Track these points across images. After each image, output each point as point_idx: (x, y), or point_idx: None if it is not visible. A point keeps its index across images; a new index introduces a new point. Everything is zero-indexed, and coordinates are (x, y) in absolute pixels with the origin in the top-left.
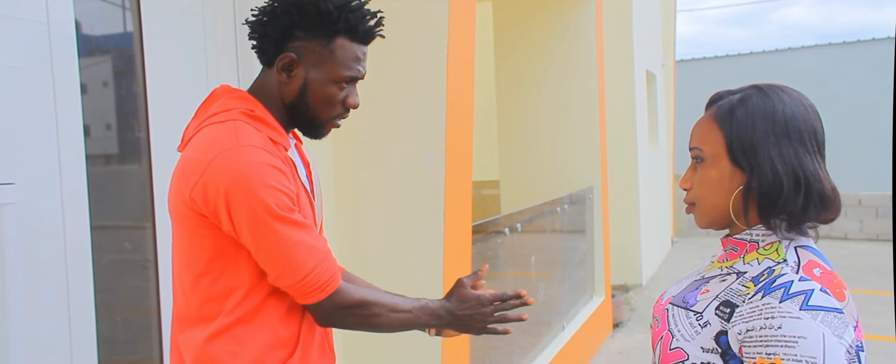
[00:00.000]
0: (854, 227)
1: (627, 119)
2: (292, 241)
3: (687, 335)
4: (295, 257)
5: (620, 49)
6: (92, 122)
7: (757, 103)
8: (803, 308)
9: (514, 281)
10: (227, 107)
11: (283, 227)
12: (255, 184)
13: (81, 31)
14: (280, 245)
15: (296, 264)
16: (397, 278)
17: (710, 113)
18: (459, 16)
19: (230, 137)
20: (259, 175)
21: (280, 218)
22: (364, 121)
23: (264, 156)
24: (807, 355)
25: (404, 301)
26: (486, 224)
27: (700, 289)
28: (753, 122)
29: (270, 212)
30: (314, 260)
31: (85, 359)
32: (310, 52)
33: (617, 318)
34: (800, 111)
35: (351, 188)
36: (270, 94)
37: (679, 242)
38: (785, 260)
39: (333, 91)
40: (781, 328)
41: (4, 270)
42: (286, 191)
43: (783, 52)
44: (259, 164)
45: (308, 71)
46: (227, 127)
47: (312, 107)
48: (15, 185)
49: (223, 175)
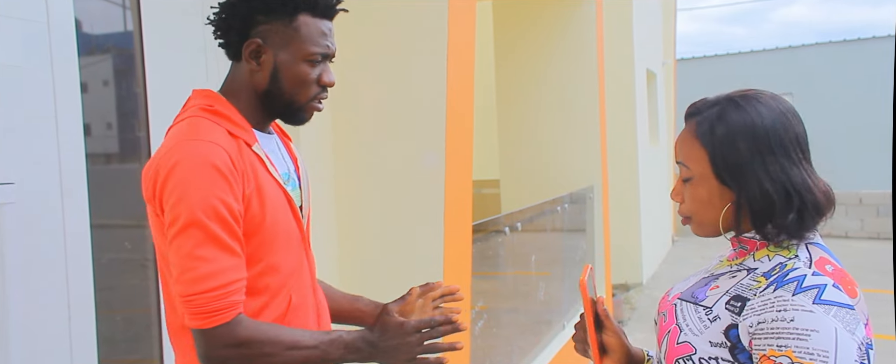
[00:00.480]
0: (855, 226)
1: (628, 118)
2: (199, 253)
3: (695, 329)
4: (193, 270)
5: (621, 48)
6: (92, 121)
7: (735, 119)
8: (816, 302)
9: (514, 280)
10: (191, 105)
11: (198, 234)
12: (192, 180)
13: (81, 30)
14: (186, 251)
15: (190, 277)
16: (397, 278)
17: (690, 129)
18: (459, 15)
19: (184, 133)
20: (199, 174)
21: (199, 224)
22: (364, 120)
23: (214, 154)
24: (819, 349)
25: (309, 336)
26: (487, 223)
27: (709, 285)
28: (734, 140)
29: (192, 214)
30: (212, 283)
31: (85, 357)
32: (274, 34)
33: (617, 317)
34: (779, 120)
35: (351, 187)
36: (241, 88)
37: (679, 241)
38: (797, 256)
39: (305, 70)
40: (794, 321)
41: (4, 269)
42: (224, 200)
43: (784, 50)
44: (204, 164)
45: (276, 54)
46: (182, 125)
47: (287, 90)
48: (15, 185)
49: (168, 164)
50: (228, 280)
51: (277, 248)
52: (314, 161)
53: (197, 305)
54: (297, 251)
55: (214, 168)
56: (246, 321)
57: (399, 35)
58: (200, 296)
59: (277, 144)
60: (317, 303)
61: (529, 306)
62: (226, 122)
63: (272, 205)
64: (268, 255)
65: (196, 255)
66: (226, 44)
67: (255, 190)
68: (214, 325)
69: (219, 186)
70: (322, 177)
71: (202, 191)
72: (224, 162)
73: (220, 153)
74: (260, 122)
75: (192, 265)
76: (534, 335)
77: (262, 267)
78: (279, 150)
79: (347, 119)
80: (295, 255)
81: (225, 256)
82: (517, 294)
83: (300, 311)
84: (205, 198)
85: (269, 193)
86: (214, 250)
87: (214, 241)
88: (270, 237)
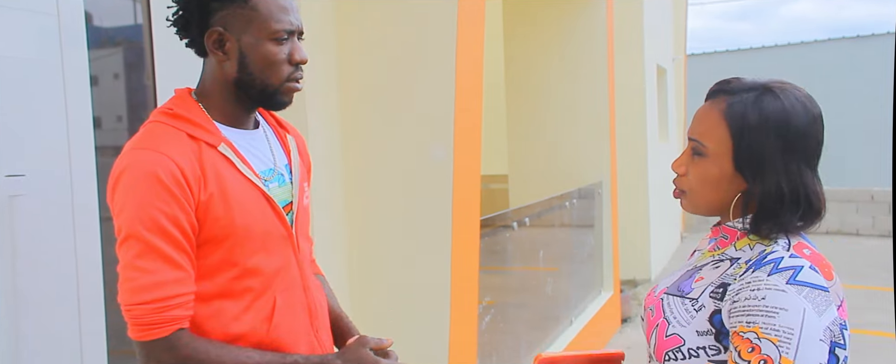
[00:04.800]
0: (866, 223)
1: (638, 113)
2: (138, 264)
3: (683, 321)
4: (132, 280)
5: (631, 43)
6: (102, 114)
7: (772, 112)
8: (790, 282)
9: (521, 275)
10: (160, 107)
11: (137, 245)
12: (132, 191)
13: (92, 23)
14: (126, 261)
15: (128, 288)
16: (405, 272)
17: (719, 107)
18: (469, 10)
19: (136, 140)
20: (142, 185)
21: (138, 236)
22: (373, 115)
23: (159, 165)
24: (784, 326)
25: (259, 358)
26: (495, 218)
27: (694, 277)
28: (766, 133)
29: (132, 226)
30: (150, 295)
31: (94, 349)
32: (233, 18)
33: (625, 313)
34: (810, 123)
35: (360, 182)
36: (212, 84)
37: (688, 237)
38: (776, 242)
39: (272, 50)
40: (765, 299)
41: (15, 261)
42: (167, 213)
43: (795, 46)
44: (147, 175)
45: (239, 38)
46: (141, 131)
47: (257, 74)
48: (25, 177)
49: (116, 172)
50: (169, 294)
51: (254, 250)
52: (323, 156)
53: (134, 317)
54: (280, 250)
55: (157, 180)
56: (187, 338)
57: (408, 30)
58: (138, 307)
59: (266, 139)
60: (309, 302)
61: (537, 301)
62: (185, 124)
63: (242, 206)
64: (244, 258)
65: (136, 265)
66: (191, 41)
67: (217, 193)
68: (150, 338)
69: (161, 199)
70: (331, 172)
71: (144, 203)
72: (170, 173)
73: (166, 164)
74: (238, 118)
75: (131, 275)
76: (541, 330)
77: (238, 271)
78: (267, 145)
79: (357, 114)
80: (278, 255)
81: (166, 269)
82: (525, 289)
83: (287, 312)
84: (146, 210)
85: (237, 195)
86: (155, 262)
87: (155, 254)
88: (243, 239)
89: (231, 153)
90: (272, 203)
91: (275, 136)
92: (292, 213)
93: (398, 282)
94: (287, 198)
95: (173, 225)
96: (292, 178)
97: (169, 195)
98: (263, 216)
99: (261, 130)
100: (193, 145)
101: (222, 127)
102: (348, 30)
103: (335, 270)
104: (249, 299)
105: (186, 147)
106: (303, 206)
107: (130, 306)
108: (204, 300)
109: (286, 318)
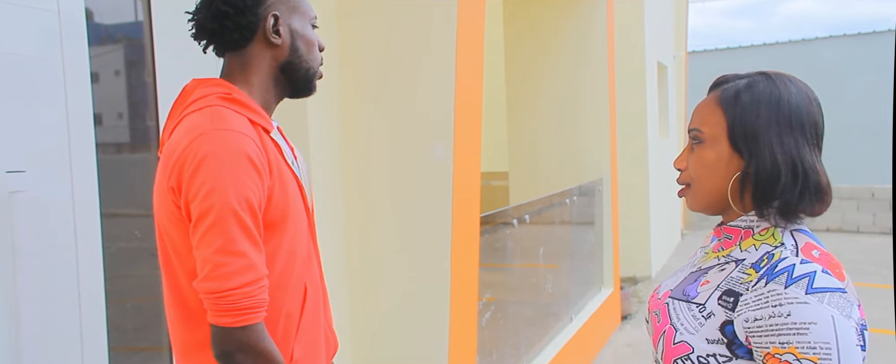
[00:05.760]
0: (867, 221)
1: (638, 110)
2: (235, 247)
3: (691, 328)
4: (228, 265)
5: (632, 40)
6: (103, 111)
7: (763, 90)
8: (809, 292)
9: (521, 272)
10: (202, 94)
11: (234, 227)
12: (227, 170)
13: (92, 19)
14: (219, 245)
15: (225, 272)
16: (405, 269)
17: (714, 95)
18: (469, 7)
19: (208, 122)
20: (233, 163)
21: (236, 215)
22: (373, 112)
23: (245, 143)
24: (820, 341)
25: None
26: (495, 215)
27: (699, 280)
28: (758, 108)
29: (227, 205)
30: (247, 278)
31: (94, 346)
32: (281, 4)
33: (625, 311)
34: (804, 103)
35: (359, 179)
36: (251, 73)
37: (689, 235)
38: (782, 244)
39: (312, 33)
40: (791, 315)
41: (15, 258)
42: (255, 190)
43: (797, 43)
44: (237, 152)
45: (290, 22)
46: (204, 113)
47: (305, 56)
48: (26, 173)
49: (197, 154)
50: (259, 276)
51: (297, 237)
52: (322, 153)
53: (229, 302)
54: (306, 239)
55: (248, 159)
56: (266, 332)
57: (408, 26)
58: (234, 292)
59: (278, 132)
60: (324, 291)
61: (537, 298)
62: (246, 110)
63: (290, 192)
64: (290, 245)
65: (231, 249)
66: (241, 31)
67: (277, 178)
68: (246, 323)
69: (252, 178)
70: (331, 169)
71: (237, 182)
72: (256, 153)
73: (251, 144)
74: (269, 109)
75: (226, 260)
76: (541, 327)
77: (287, 257)
78: (283, 138)
79: (356, 111)
80: (307, 244)
81: (255, 251)
82: (525, 286)
83: (314, 301)
84: (239, 190)
85: (287, 181)
86: (248, 245)
87: (248, 234)
88: (292, 225)
89: (282, 141)
90: (303, 192)
91: (277, 131)
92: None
93: (398, 278)
94: None
95: (259, 206)
96: (301, 170)
97: (257, 175)
98: (300, 204)
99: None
100: (255, 130)
101: None
102: (349, 28)
103: (334, 268)
104: (292, 286)
105: (254, 131)
106: (311, 197)
107: (225, 292)
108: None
109: (313, 306)
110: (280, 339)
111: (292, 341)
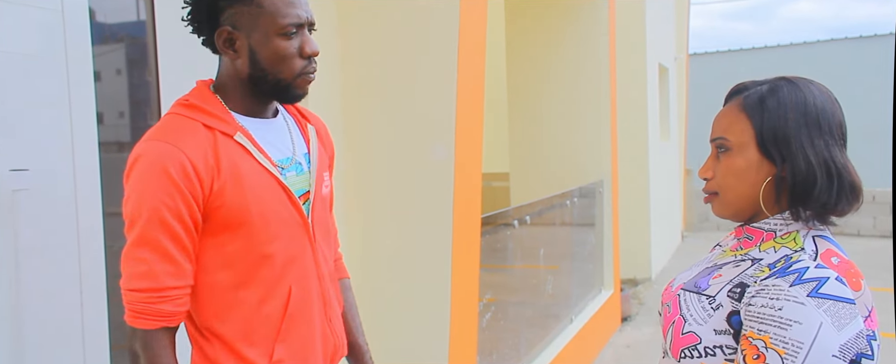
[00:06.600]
0: (867, 224)
1: (639, 112)
2: (136, 253)
3: (699, 318)
4: (129, 267)
5: (633, 42)
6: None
7: (788, 94)
8: (812, 295)
9: (522, 273)
10: (180, 98)
11: (137, 234)
12: (143, 182)
13: (95, 19)
14: (128, 246)
15: (126, 273)
16: (406, 269)
17: (736, 103)
18: (470, 8)
19: (152, 130)
20: (150, 176)
21: (139, 225)
22: (374, 113)
23: (170, 159)
24: (795, 339)
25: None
26: (496, 216)
27: (712, 274)
28: (786, 112)
29: (140, 215)
30: (143, 285)
31: (97, 344)
32: (241, 16)
33: (625, 312)
34: (828, 104)
35: (361, 179)
36: (228, 79)
37: (689, 237)
38: (803, 248)
39: (281, 45)
40: (782, 310)
41: (18, 255)
42: (171, 206)
43: (798, 45)
44: (156, 167)
45: (249, 36)
46: (160, 121)
47: (269, 69)
48: (29, 172)
49: (129, 163)
50: (160, 286)
51: (271, 238)
52: None
53: (128, 301)
54: (296, 239)
55: (165, 173)
56: (164, 343)
57: (410, 27)
58: (131, 293)
59: (286, 128)
60: (323, 292)
61: (537, 299)
62: (201, 114)
63: (257, 193)
64: (260, 246)
65: (134, 253)
66: (205, 40)
67: (231, 181)
68: (137, 326)
69: (167, 192)
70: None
71: (149, 194)
72: (180, 166)
73: (176, 157)
74: (255, 108)
75: (128, 262)
76: (541, 328)
77: (256, 259)
78: (287, 134)
79: (358, 111)
80: (295, 244)
81: (160, 262)
82: (525, 287)
83: (302, 302)
84: (150, 202)
85: (252, 182)
86: (152, 253)
87: (152, 245)
88: (260, 226)
89: (247, 142)
90: (287, 191)
91: (296, 125)
92: (309, 202)
93: (399, 279)
94: (304, 187)
95: (176, 219)
96: (310, 167)
97: (175, 189)
98: (279, 204)
99: (281, 119)
100: (208, 135)
101: (239, 117)
102: (350, 29)
103: None
104: (265, 288)
105: (201, 137)
106: (321, 195)
107: (125, 291)
108: (226, 290)
109: (301, 308)
110: (259, 339)
111: (273, 342)
